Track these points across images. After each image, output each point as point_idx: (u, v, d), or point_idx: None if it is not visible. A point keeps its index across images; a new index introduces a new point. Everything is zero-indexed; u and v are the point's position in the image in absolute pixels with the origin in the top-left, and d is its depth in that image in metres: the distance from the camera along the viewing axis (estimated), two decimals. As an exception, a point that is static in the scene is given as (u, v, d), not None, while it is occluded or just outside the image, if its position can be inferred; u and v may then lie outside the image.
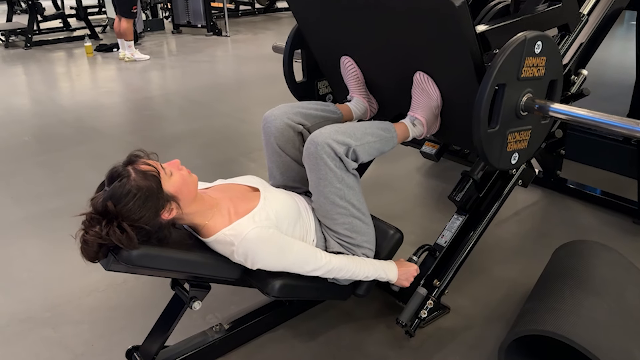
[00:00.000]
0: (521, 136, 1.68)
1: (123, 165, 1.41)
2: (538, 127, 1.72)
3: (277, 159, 1.89)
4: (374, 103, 2.13)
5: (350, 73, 2.06)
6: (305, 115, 1.90)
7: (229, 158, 3.62)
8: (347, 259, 1.70)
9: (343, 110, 2.03)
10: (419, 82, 1.80)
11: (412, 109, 1.86)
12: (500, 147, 1.63)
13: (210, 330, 1.83)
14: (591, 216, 2.70)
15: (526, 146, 1.72)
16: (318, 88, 2.37)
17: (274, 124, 1.85)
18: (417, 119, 1.84)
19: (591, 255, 1.91)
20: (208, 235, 1.54)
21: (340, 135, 1.65)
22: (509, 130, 1.62)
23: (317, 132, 1.66)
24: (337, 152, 1.62)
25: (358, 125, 1.75)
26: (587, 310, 1.63)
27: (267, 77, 5.80)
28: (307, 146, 1.66)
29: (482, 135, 1.54)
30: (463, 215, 1.95)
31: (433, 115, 1.83)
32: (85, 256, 1.38)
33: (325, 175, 1.64)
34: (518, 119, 1.62)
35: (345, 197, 1.68)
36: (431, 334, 1.92)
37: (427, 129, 1.86)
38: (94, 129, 4.28)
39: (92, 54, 7.15)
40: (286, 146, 1.87)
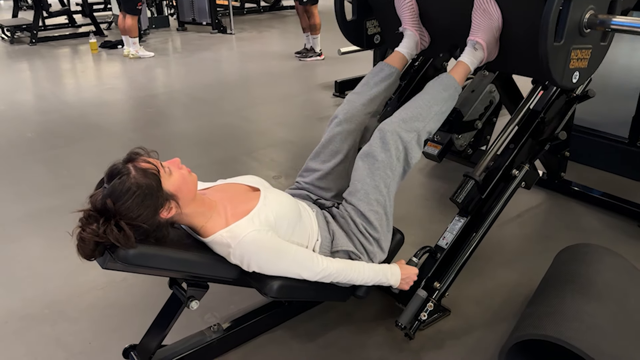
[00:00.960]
0: (583, 54, 1.74)
1: (123, 163, 1.40)
2: (597, 47, 1.78)
3: (332, 149, 1.98)
4: (425, 36, 2.17)
5: (406, 4, 2.11)
6: (371, 100, 2.05)
7: (232, 156, 3.61)
8: (346, 264, 1.68)
9: (395, 61, 2.11)
10: (481, 2, 1.84)
11: (473, 33, 1.90)
12: (564, 63, 1.68)
13: (208, 330, 1.81)
14: (595, 219, 2.68)
15: (586, 65, 1.78)
16: (367, 27, 2.43)
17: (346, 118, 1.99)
18: (477, 42, 1.88)
19: (594, 259, 1.89)
20: (206, 235, 1.53)
21: (409, 121, 1.79)
22: (572, 46, 1.68)
23: (387, 120, 1.81)
24: (404, 140, 1.77)
25: (421, 100, 1.85)
26: (589, 315, 1.61)
27: (272, 75, 5.79)
28: (376, 133, 1.80)
29: (549, 48, 1.58)
30: (465, 217, 1.93)
31: (494, 38, 1.87)
32: (81, 254, 1.37)
33: (383, 159, 1.76)
34: (581, 36, 1.68)
35: (389, 187, 1.78)
36: (431, 337, 1.90)
37: (488, 53, 1.90)
38: (97, 125, 4.28)
39: (97, 51, 7.15)
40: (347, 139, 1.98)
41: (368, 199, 1.76)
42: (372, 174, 1.76)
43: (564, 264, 1.94)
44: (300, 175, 2.05)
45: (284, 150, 3.78)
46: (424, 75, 2.43)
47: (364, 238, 1.76)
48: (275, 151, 3.73)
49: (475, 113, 2.19)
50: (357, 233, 1.76)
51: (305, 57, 6.30)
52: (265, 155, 3.63)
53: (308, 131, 4.11)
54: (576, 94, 1.99)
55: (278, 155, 3.67)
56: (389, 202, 1.79)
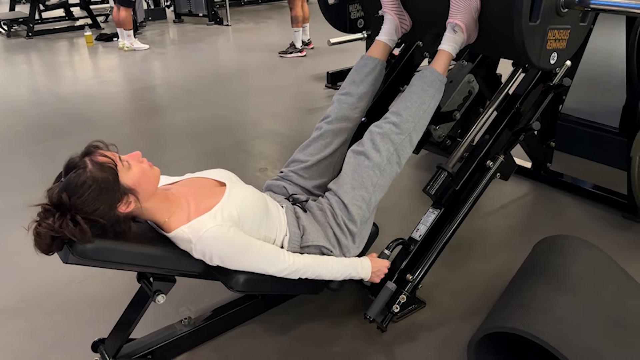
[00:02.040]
0: (560, 35, 1.72)
1: (80, 157, 1.39)
2: (576, 28, 1.76)
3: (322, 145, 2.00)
4: (406, 19, 2.16)
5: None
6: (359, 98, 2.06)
7: (220, 148, 3.60)
8: (314, 259, 1.67)
9: (378, 52, 2.11)
10: None
11: (451, 15, 1.89)
12: (541, 43, 1.66)
13: (179, 323, 1.81)
14: (580, 210, 2.65)
15: (565, 46, 1.75)
16: (350, 12, 2.42)
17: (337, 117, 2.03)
18: (457, 24, 1.87)
19: (570, 251, 1.87)
20: (169, 230, 1.52)
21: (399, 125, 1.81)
22: (549, 27, 1.65)
23: (379, 123, 1.84)
24: (394, 142, 1.80)
25: (409, 101, 1.85)
26: (559, 307, 1.59)
27: (267, 67, 5.76)
28: (367, 135, 1.84)
29: (524, 28, 1.57)
30: (438, 209, 1.91)
31: (473, 19, 1.87)
32: (38, 248, 1.36)
33: (373, 159, 1.78)
34: (558, 15, 1.66)
35: (376, 186, 1.79)
36: (404, 329, 1.89)
37: (467, 35, 1.89)
38: (87, 119, 4.28)
39: (93, 44, 7.14)
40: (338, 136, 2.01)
41: (353, 193, 1.77)
42: (361, 171, 1.78)
43: (540, 255, 1.92)
44: (285, 165, 2.06)
45: (273, 142, 3.76)
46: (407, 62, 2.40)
47: (340, 231, 1.75)
48: (265, 143, 3.72)
49: (454, 104, 2.16)
50: (334, 225, 1.75)
51: (285, 54, 6.14)
52: (253, 146, 3.62)
53: (298, 123, 4.09)
54: (553, 84, 1.96)
55: (267, 147, 3.66)
56: (374, 201, 1.80)
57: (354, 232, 1.77)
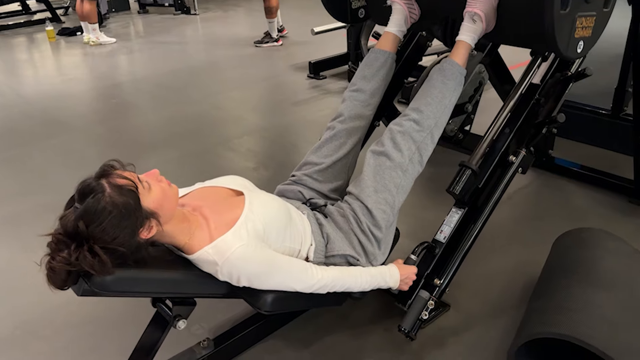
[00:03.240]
0: (587, 22, 1.67)
1: (96, 179, 1.24)
2: (601, 14, 1.72)
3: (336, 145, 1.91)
4: (415, 9, 2.04)
5: None
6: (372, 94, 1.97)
7: (206, 148, 3.44)
8: (342, 271, 1.57)
9: (387, 45, 2.01)
10: None
11: (469, 4, 1.80)
12: (569, 32, 1.61)
13: (198, 346, 1.69)
14: (585, 196, 2.62)
15: (590, 34, 1.71)
16: (351, 1, 2.30)
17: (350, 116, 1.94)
18: (476, 14, 1.78)
19: (596, 245, 1.82)
20: (190, 252, 1.39)
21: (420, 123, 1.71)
22: (577, 14, 1.60)
23: (398, 120, 1.74)
24: (415, 140, 1.71)
25: (429, 96, 1.75)
26: (599, 308, 1.54)
27: (241, 57, 5.58)
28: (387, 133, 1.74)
29: (555, 16, 1.50)
30: (462, 208, 1.83)
31: (492, 7, 1.78)
32: (52, 284, 1.22)
33: (395, 159, 1.69)
34: (586, 2, 1.61)
35: (399, 187, 1.70)
36: (432, 335, 1.82)
37: (486, 24, 1.80)
38: (59, 121, 4.04)
39: (55, 39, 6.80)
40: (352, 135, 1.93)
41: (376, 196, 1.68)
42: (383, 173, 1.69)
43: (565, 251, 1.87)
44: (297, 168, 1.94)
45: (260, 138, 3.63)
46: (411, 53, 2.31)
47: (365, 238, 1.66)
48: (252, 140, 3.58)
49: (465, 96, 2.08)
50: (358, 232, 1.66)
51: (260, 43, 5.96)
52: (241, 145, 3.48)
53: (284, 117, 3.95)
54: (572, 73, 1.89)
55: (255, 144, 3.52)
56: (397, 203, 1.72)
57: (380, 238, 1.68)
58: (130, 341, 1.57)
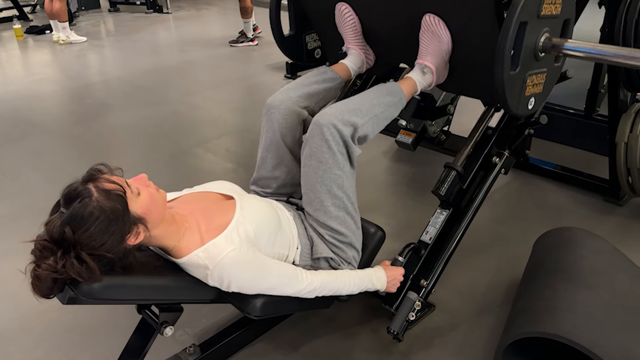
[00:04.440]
0: (538, 79, 1.64)
1: (82, 183, 1.21)
2: (552, 70, 1.69)
3: (275, 149, 1.78)
4: (370, 54, 2.01)
5: (347, 22, 1.93)
6: (309, 95, 1.82)
7: (184, 149, 3.39)
8: (330, 275, 1.56)
9: (340, 71, 1.94)
10: (429, 24, 1.69)
11: (421, 56, 1.76)
12: (520, 90, 1.58)
13: (184, 352, 1.66)
14: (563, 196, 2.67)
15: (541, 90, 1.69)
16: (306, 42, 2.25)
17: (279, 110, 1.75)
18: (426, 66, 1.74)
19: (577, 244, 1.85)
20: (179, 256, 1.37)
21: (346, 114, 1.56)
22: (528, 73, 1.58)
23: (323, 112, 1.57)
24: (343, 134, 1.54)
25: (362, 97, 1.66)
26: (583, 306, 1.57)
27: (215, 57, 5.52)
28: (312, 128, 1.56)
29: (505, 77, 1.47)
30: (447, 209, 1.85)
31: (443, 61, 1.75)
32: (37, 293, 1.19)
33: (327, 160, 1.55)
34: (536, 60, 1.58)
35: (343, 187, 1.59)
36: (419, 336, 1.83)
37: (436, 77, 1.77)
38: (31, 121, 3.93)
39: (23, 37, 6.62)
40: (287, 136, 1.76)
41: (324, 207, 1.59)
42: (321, 178, 1.57)
43: (547, 250, 1.89)
44: (256, 184, 1.86)
45: (238, 139, 3.60)
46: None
47: (334, 246, 1.63)
48: (230, 140, 3.54)
49: (447, 97, 2.10)
50: (327, 243, 1.63)
51: (236, 43, 5.91)
52: (219, 145, 3.44)
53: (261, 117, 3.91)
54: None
55: (234, 145, 3.49)
56: (349, 200, 1.62)
57: (348, 242, 1.64)
58: (114, 349, 1.54)
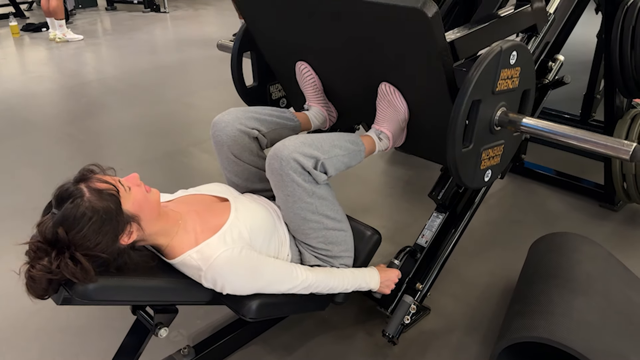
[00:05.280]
0: (494, 152, 1.57)
1: (74, 183, 1.20)
2: (510, 140, 1.61)
3: (234, 167, 1.70)
4: (333, 112, 1.97)
5: (307, 80, 1.88)
6: (260, 120, 1.71)
7: (179, 149, 3.39)
8: (325, 272, 1.56)
9: (300, 118, 1.86)
10: (385, 93, 1.64)
11: (377, 122, 1.71)
12: (474, 165, 1.51)
13: (178, 353, 1.65)
14: (558, 201, 2.68)
15: (499, 162, 1.61)
16: (271, 92, 2.17)
17: (225, 131, 1.64)
18: (382, 132, 1.70)
19: (573, 249, 1.85)
20: (173, 256, 1.36)
21: (306, 147, 1.46)
22: (482, 148, 1.50)
23: (280, 144, 1.46)
24: (304, 166, 1.44)
25: (324, 136, 1.56)
26: (578, 311, 1.57)
27: (212, 58, 5.51)
28: (270, 162, 1.47)
29: (457, 155, 1.41)
30: (443, 213, 1.85)
31: (400, 128, 1.70)
32: (32, 294, 1.18)
33: (293, 192, 1.47)
34: (491, 134, 1.51)
35: (318, 211, 1.52)
36: (414, 339, 1.83)
37: (393, 142, 1.73)
38: (26, 120, 3.92)
39: (19, 35, 6.60)
40: (242, 154, 1.68)
41: (301, 230, 1.56)
42: (292, 209, 1.51)
43: (542, 255, 1.90)
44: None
45: (235, 139, 3.58)
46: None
47: (324, 257, 1.61)
48: (226, 141, 3.53)
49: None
50: (315, 254, 1.60)
51: None
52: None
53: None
54: (549, 80, 1.92)
55: (229, 145, 3.48)
56: (327, 218, 1.55)
57: (335, 255, 1.61)
58: (108, 350, 1.54)
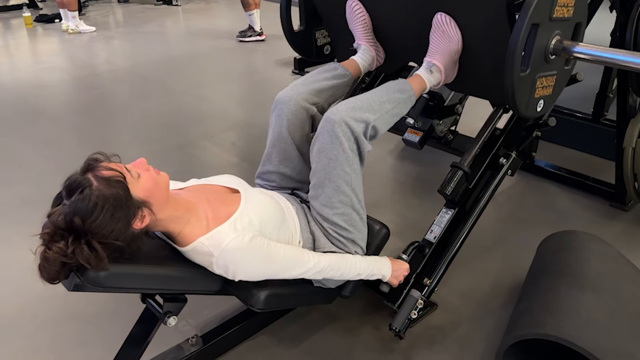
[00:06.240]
0: (547, 82, 1.63)
1: (81, 173, 1.22)
2: (562, 73, 1.68)
3: (282, 145, 1.77)
4: (381, 52, 2.02)
5: (358, 18, 1.94)
6: (318, 91, 1.81)
7: (190, 141, 3.40)
8: (337, 257, 1.57)
9: (350, 67, 1.94)
10: (440, 23, 1.69)
11: (430, 54, 1.75)
12: (529, 92, 1.58)
13: (186, 343, 1.67)
14: (568, 200, 2.66)
15: (550, 93, 1.68)
16: (316, 38, 2.27)
17: (288, 106, 1.75)
18: (434, 65, 1.74)
19: (582, 247, 1.85)
20: (184, 243, 1.37)
21: (357, 111, 1.56)
22: (538, 75, 1.57)
23: (334, 108, 1.57)
24: (354, 131, 1.54)
25: (373, 94, 1.65)
26: (586, 309, 1.56)
27: (223, 50, 5.52)
28: (323, 124, 1.56)
29: (515, 79, 1.47)
30: (452, 209, 1.85)
31: (452, 61, 1.74)
32: (44, 276, 1.19)
33: (337, 156, 1.54)
34: (546, 62, 1.58)
35: (352, 184, 1.59)
36: (420, 334, 1.83)
37: (445, 76, 1.77)
38: (38, 110, 3.95)
39: (32, 25, 6.64)
40: (295, 132, 1.76)
41: (330, 202, 1.59)
42: (330, 175, 1.57)
43: (551, 253, 1.89)
44: (260, 177, 1.86)
45: (244, 133, 3.60)
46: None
47: (338, 241, 1.64)
48: (236, 134, 3.55)
49: (456, 97, 2.09)
50: (329, 237, 1.63)
51: (244, 37, 5.86)
52: (225, 139, 3.45)
53: (268, 112, 3.89)
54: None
55: (239, 139, 3.49)
56: (356, 197, 1.61)
57: (351, 238, 1.64)
58: (117, 338, 1.55)
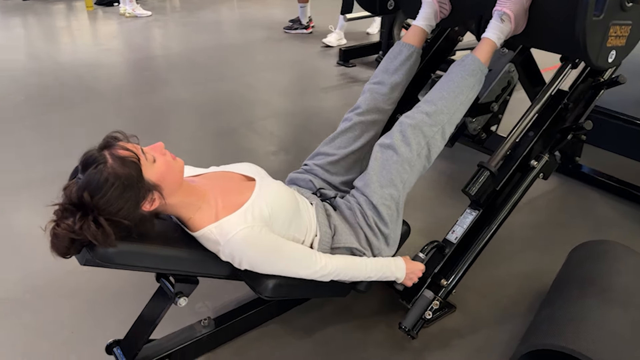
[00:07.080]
0: (622, 31, 1.58)
1: (98, 150, 1.25)
2: (637, 24, 1.61)
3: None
4: (445, 4, 2.01)
5: None
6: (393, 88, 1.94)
7: (232, 127, 3.44)
8: (347, 260, 1.56)
9: (413, 38, 1.98)
10: None
11: (500, 3, 1.75)
12: (602, 40, 1.53)
13: (198, 324, 1.70)
14: (609, 207, 2.54)
15: (624, 44, 1.62)
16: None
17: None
18: (505, 13, 1.73)
19: (614, 259, 1.76)
20: (195, 229, 1.39)
21: (432, 116, 1.68)
22: (611, 22, 1.52)
23: (410, 114, 1.70)
24: (426, 135, 1.67)
25: (446, 89, 1.72)
26: (612, 323, 1.49)
27: (274, 40, 5.55)
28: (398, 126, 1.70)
29: (587, 23, 1.42)
30: (477, 210, 1.79)
31: (523, 9, 1.72)
32: (55, 251, 1.23)
33: (403, 154, 1.65)
34: (622, 10, 1.52)
35: (405, 182, 1.67)
36: (435, 335, 1.79)
37: (515, 25, 1.75)
38: (92, 89, 4.09)
39: (93, 8, 6.88)
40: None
41: (382, 191, 1.64)
42: (389, 167, 1.65)
43: (581, 262, 1.81)
44: (310, 158, 1.93)
45: (284, 122, 3.61)
46: (439, 48, 2.25)
47: (371, 233, 1.64)
48: (276, 123, 3.57)
49: (492, 95, 2.02)
50: (364, 227, 1.64)
51: (289, 29, 5.85)
52: (265, 127, 3.47)
53: (310, 102, 3.92)
54: (604, 79, 1.82)
55: (278, 127, 3.51)
56: (402, 198, 1.68)
57: (386, 234, 1.66)
58: (137, 311, 1.58)
